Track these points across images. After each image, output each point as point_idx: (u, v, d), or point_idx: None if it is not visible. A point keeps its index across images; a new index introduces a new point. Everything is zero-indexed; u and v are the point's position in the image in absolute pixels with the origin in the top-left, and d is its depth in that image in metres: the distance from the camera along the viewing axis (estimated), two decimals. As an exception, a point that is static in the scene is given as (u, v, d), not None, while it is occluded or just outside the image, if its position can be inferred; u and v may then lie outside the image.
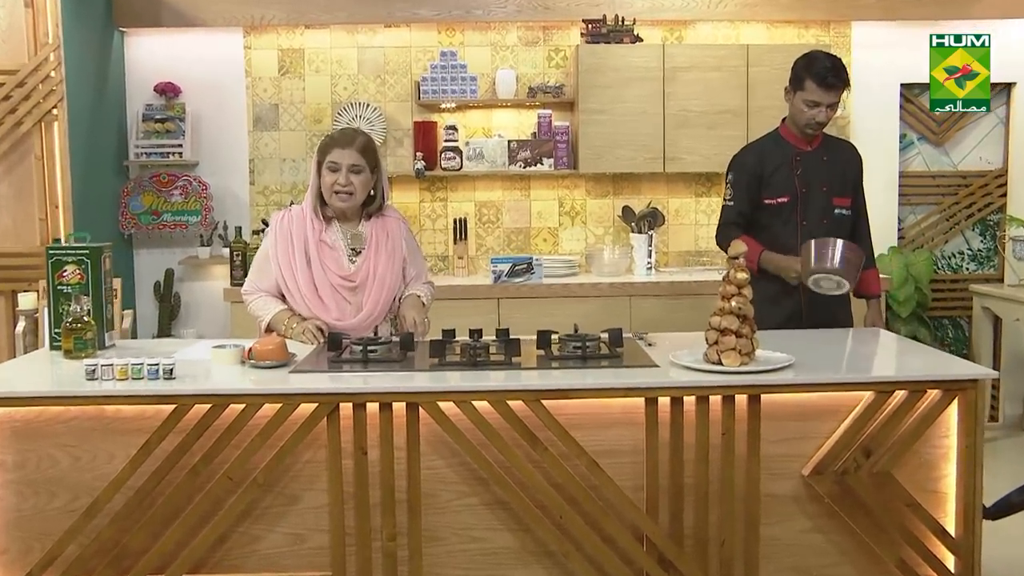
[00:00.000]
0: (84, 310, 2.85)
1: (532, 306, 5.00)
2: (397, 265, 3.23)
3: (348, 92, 5.56)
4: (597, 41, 5.28)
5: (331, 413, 2.52)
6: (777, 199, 3.46)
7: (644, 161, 5.25)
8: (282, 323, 3.17)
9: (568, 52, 5.53)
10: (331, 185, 3.13)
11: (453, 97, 5.39)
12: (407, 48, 5.55)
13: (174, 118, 5.50)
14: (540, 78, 5.55)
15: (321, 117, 5.55)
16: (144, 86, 5.50)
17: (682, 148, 5.24)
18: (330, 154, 3.14)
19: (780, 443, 2.60)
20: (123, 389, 2.50)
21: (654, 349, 2.92)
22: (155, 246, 5.65)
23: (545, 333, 2.85)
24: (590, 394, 2.53)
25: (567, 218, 5.64)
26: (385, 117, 5.52)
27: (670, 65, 5.22)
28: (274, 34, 5.51)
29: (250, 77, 5.54)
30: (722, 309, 2.61)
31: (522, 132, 5.56)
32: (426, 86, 5.38)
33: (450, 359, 2.76)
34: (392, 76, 5.55)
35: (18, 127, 4.61)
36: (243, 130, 5.59)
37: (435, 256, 5.63)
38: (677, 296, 4.99)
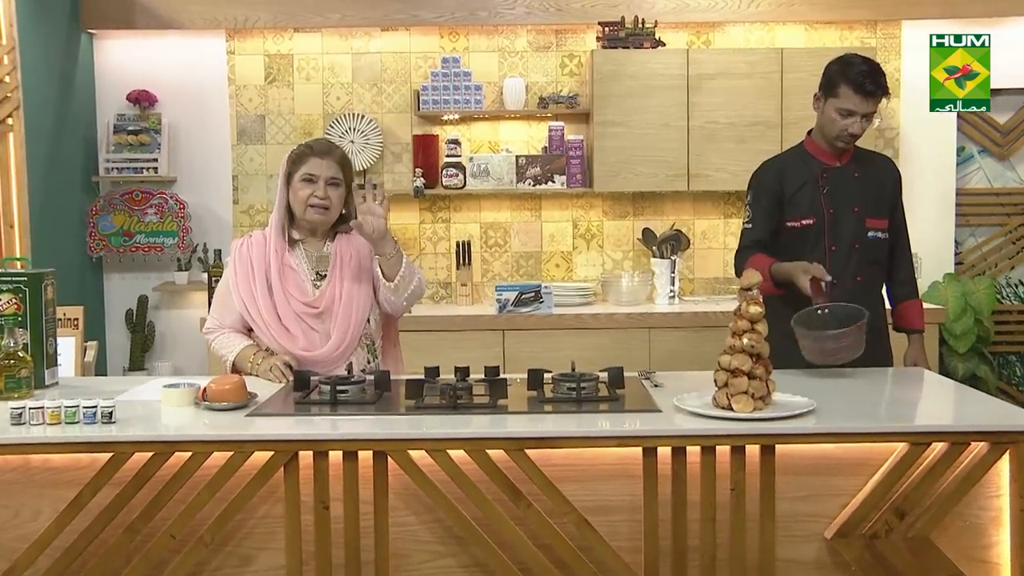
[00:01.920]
0: (19, 344, 2.81)
1: (540, 339, 4.98)
2: (365, 287, 3.19)
3: (341, 102, 5.55)
4: (615, 46, 5.27)
5: (289, 462, 2.47)
6: (801, 221, 3.39)
7: (666, 179, 5.23)
8: (247, 360, 3.14)
9: (583, 58, 5.51)
10: (306, 199, 3.12)
11: (456, 108, 5.38)
12: (406, 54, 5.54)
13: (149, 130, 5.50)
14: (552, 87, 5.52)
15: (312, 129, 5.54)
16: (115, 94, 5.52)
17: (709, 164, 5.21)
18: (305, 164, 3.13)
19: (799, 501, 2.52)
20: (52, 435, 2.44)
21: (661, 391, 2.86)
22: (127, 270, 5.65)
23: (537, 372, 2.81)
24: (580, 443, 2.47)
25: (581, 241, 5.59)
26: (382, 130, 5.50)
27: (695, 72, 5.20)
28: (260, 38, 5.52)
29: (233, 85, 5.54)
30: (733, 347, 2.55)
31: (532, 146, 5.53)
32: (426, 96, 5.37)
33: (428, 401, 2.72)
34: (389, 85, 5.54)
35: (-33, 138, 4.59)
36: (225, 143, 5.59)
37: (436, 283, 5.60)
38: (702, 329, 4.96)
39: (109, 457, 2.44)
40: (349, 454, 2.46)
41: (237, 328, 3.21)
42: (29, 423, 2.50)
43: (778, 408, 2.56)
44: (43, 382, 2.98)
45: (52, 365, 3.04)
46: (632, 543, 2.49)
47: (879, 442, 2.49)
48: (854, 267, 3.34)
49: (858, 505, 2.50)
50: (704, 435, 2.46)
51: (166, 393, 2.75)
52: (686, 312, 5.07)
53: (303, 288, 3.17)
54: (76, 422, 2.50)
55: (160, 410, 2.71)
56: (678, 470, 2.46)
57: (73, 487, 2.45)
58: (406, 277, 3.12)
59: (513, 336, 5.00)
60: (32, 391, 2.84)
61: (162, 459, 2.45)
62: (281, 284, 3.14)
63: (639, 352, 4.94)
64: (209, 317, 3.29)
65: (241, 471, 2.46)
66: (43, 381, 2.98)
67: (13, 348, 2.80)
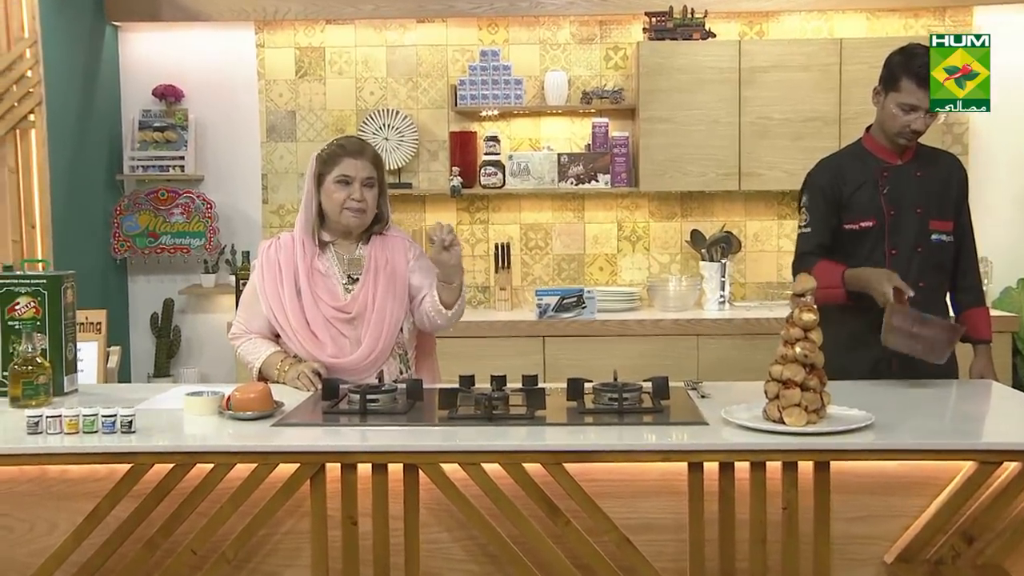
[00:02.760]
0: (37, 350, 2.83)
1: (582, 346, 4.97)
2: (399, 292, 3.20)
3: (375, 97, 5.56)
4: (662, 37, 5.25)
5: (316, 475, 2.47)
6: (860, 223, 3.34)
7: (716, 178, 5.20)
8: (274, 367, 3.16)
9: (628, 51, 5.49)
10: (342, 202, 3.13)
11: (495, 103, 5.38)
12: (443, 47, 5.55)
13: (175, 126, 5.55)
14: (596, 81, 5.50)
15: (344, 126, 5.57)
16: (141, 89, 5.57)
17: (761, 162, 5.18)
18: (339, 165, 3.14)
19: (856, 522, 2.48)
20: (70, 445, 2.46)
21: (709, 402, 2.84)
22: (152, 273, 5.70)
23: (577, 382, 2.81)
24: (622, 457, 2.45)
25: (626, 244, 5.57)
26: (417, 126, 5.51)
27: (748, 64, 5.17)
28: (290, 30, 5.55)
29: (263, 80, 5.58)
30: (785, 356, 2.53)
31: (574, 144, 5.52)
32: (464, 91, 5.38)
33: (463, 411, 2.72)
34: (425, 79, 5.55)
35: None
36: (254, 140, 5.63)
37: (473, 287, 5.60)
38: (754, 336, 4.93)
39: (128, 468, 2.45)
40: (379, 467, 2.46)
41: (264, 334, 3.23)
42: (46, 432, 2.52)
43: (833, 422, 2.52)
44: (62, 389, 3.00)
45: (72, 371, 3.06)
46: (676, 564, 2.47)
47: (944, 460, 2.44)
48: (916, 272, 3.29)
49: (921, 528, 2.46)
50: (754, 450, 2.43)
51: (189, 401, 2.77)
52: (736, 319, 5.04)
53: (334, 292, 3.17)
54: (95, 431, 2.52)
55: (182, 419, 2.73)
56: (726, 487, 2.44)
57: (91, 499, 2.46)
58: (461, 306, 3.20)
59: (553, 343, 4.99)
60: (50, 399, 2.87)
61: (183, 470, 2.46)
62: (310, 288, 3.15)
63: (686, 361, 4.91)
64: (235, 322, 3.31)
65: (266, 484, 2.46)
66: (62, 388, 3.00)
67: (31, 353, 2.83)
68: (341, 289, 3.18)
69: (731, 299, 5.40)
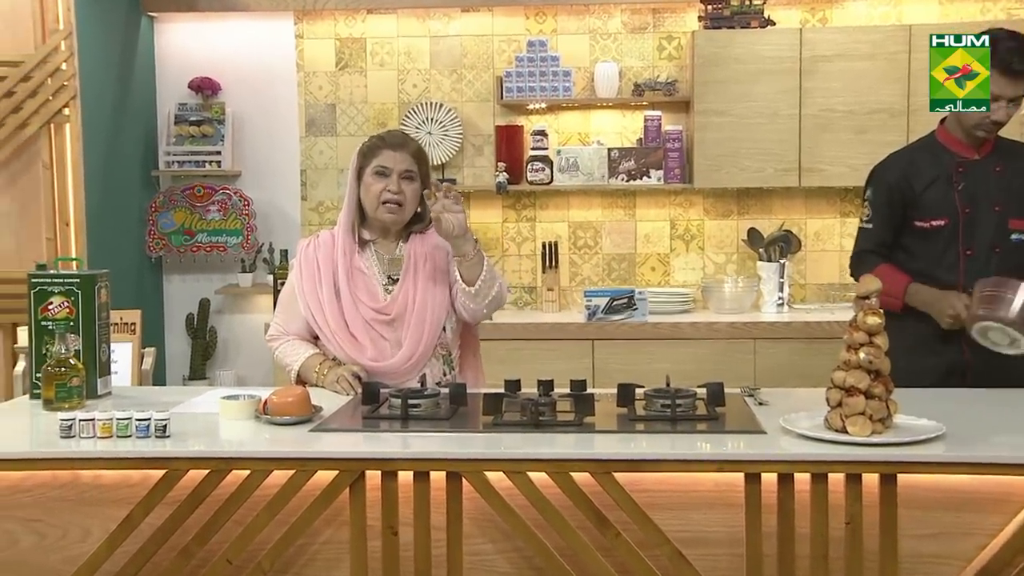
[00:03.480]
0: (70, 351, 2.87)
1: (632, 350, 4.96)
2: (441, 291, 3.20)
3: (418, 90, 5.58)
4: (718, 26, 5.23)
5: (355, 482, 2.47)
6: (931, 222, 3.31)
7: (775, 173, 5.18)
8: (313, 370, 3.17)
9: (683, 40, 5.47)
10: (378, 194, 3.14)
11: (543, 96, 5.38)
12: (488, 37, 5.55)
13: (211, 120, 5.60)
14: (648, 72, 5.48)
15: (385, 120, 5.59)
16: (177, 82, 5.64)
17: (823, 157, 5.14)
18: (378, 157, 3.15)
19: (927, 539, 2.44)
20: (103, 450, 2.48)
21: (767, 410, 2.82)
22: (188, 272, 5.76)
23: (628, 387, 2.80)
24: (675, 466, 2.43)
25: (680, 243, 5.55)
26: (461, 120, 5.52)
27: (809, 54, 5.13)
28: (330, 20, 5.58)
29: (302, 72, 5.62)
30: (848, 362, 2.49)
31: (626, 138, 5.51)
32: (511, 83, 5.38)
33: (508, 417, 2.71)
34: (470, 71, 5.56)
35: (23, 129, 4.73)
36: (293, 135, 5.66)
37: (519, 287, 5.60)
38: (814, 340, 4.90)
39: (162, 474, 2.47)
40: (420, 474, 2.46)
41: (303, 335, 3.25)
42: (79, 436, 2.54)
43: (900, 432, 2.49)
44: (95, 391, 3.04)
45: (105, 373, 3.10)
46: (732, 581, 2.45)
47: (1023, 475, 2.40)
48: (993, 274, 3.24)
49: (999, 548, 2.41)
50: (815, 460, 2.40)
51: (224, 405, 2.78)
52: (796, 322, 5.01)
53: (373, 293, 3.18)
54: (128, 436, 2.54)
55: (218, 423, 2.74)
56: (785, 499, 2.41)
57: (124, 506, 2.48)
58: (487, 281, 3.11)
59: (603, 346, 4.98)
60: (84, 401, 2.90)
61: (219, 477, 2.47)
62: (349, 289, 3.16)
63: (742, 366, 4.88)
64: (272, 323, 3.33)
65: (303, 491, 2.47)
66: (95, 390, 3.04)
67: (64, 355, 2.86)
68: (381, 289, 3.19)
69: (790, 301, 5.36)
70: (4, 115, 4.68)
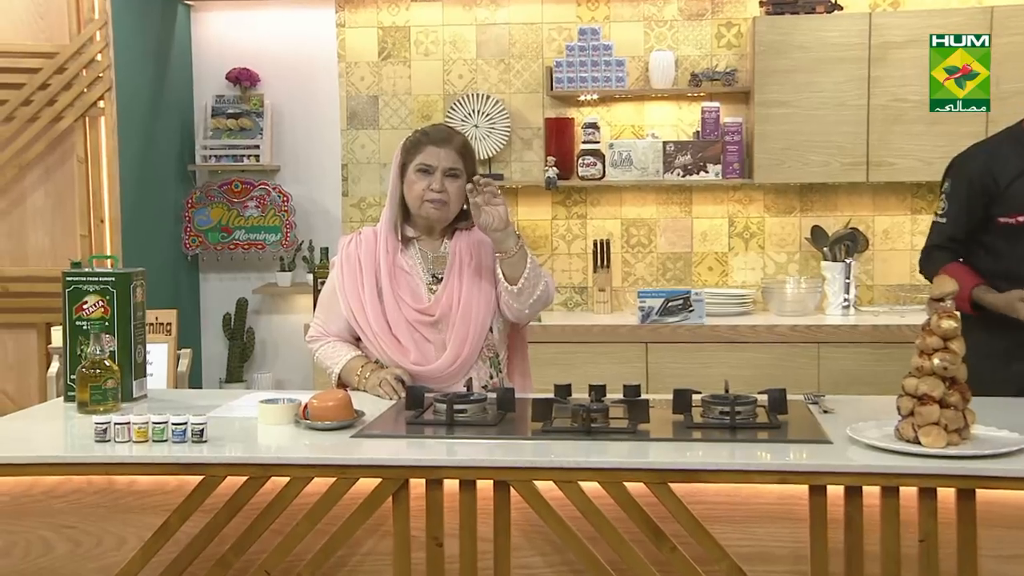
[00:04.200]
0: (105, 352, 2.90)
1: (689, 354, 4.96)
2: (487, 291, 3.20)
3: (464, 81, 5.59)
4: (781, 11, 5.20)
5: (398, 491, 2.47)
6: (1017, 218, 3.28)
7: (841, 168, 5.15)
8: (355, 373, 3.18)
9: (743, 27, 5.45)
10: (421, 192, 3.15)
11: (595, 87, 5.38)
12: (538, 25, 5.55)
13: (250, 113, 5.65)
14: (706, 61, 5.46)
15: (430, 112, 5.61)
16: (214, 73, 5.69)
17: (893, 150, 5.11)
18: (421, 153, 3.16)
19: (1008, 561, 2.40)
20: (139, 455, 2.51)
21: (832, 418, 2.80)
22: (225, 270, 5.81)
23: (684, 393, 2.79)
24: (734, 477, 2.41)
25: (739, 241, 5.53)
26: (509, 112, 5.53)
27: (879, 40, 5.09)
28: (373, 9, 5.62)
29: (343, 62, 5.65)
30: (921, 368, 2.46)
31: (682, 131, 5.50)
32: (561, 73, 5.38)
33: (558, 424, 2.71)
34: (519, 61, 5.57)
35: (57, 123, 4.80)
36: (334, 128, 5.70)
37: (569, 287, 5.61)
38: (883, 345, 4.88)
39: (199, 481, 2.49)
40: (466, 483, 2.46)
41: (344, 336, 3.26)
42: (114, 440, 2.57)
43: (979, 444, 2.45)
44: (131, 394, 3.07)
45: (141, 375, 3.13)
46: (796, 598, 2.44)
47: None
48: None
49: (1090, 570, 2.38)
50: (885, 473, 2.37)
51: (263, 409, 2.80)
52: (863, 325, 4.97)
53: (417, 293, 3.19)
54: (164, 440, 2.56)
55: (256, 428, 2.76)
56: (853, 514, 2.39)
57: (160, 513, 2.50)
58: (531, 279, 3.11)
59: (657, 350, 4.97)
60: (119, 404, 2.93)
61: (257, 484, 2.48)
62: (392, 288, 3.17)
63: (805, 372, 4.86)
64: (313, 323, 3.34)
65: (345, 500, 2.47)
66: (131, 393, 3.07)
67: (99, 356, 2.89)
68: (425, 289, 3.20)
69: (856, 303, 5.32)
70: (39, 108, 4.76)
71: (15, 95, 4.73)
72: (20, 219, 4.83)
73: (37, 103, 4.74)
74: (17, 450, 2.62)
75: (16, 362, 4.88)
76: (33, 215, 4.83)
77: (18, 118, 4.74)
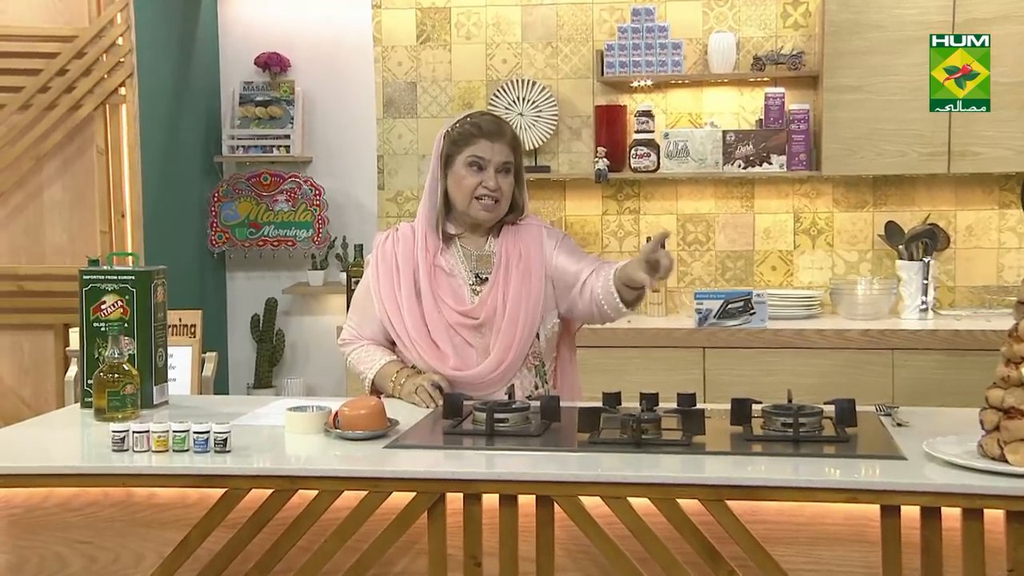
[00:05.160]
0: (124, 355, 2.92)
1: (749, 360, 4.94)
2: (535, 291, 3.21)
3: (508, 66, 5.60)
4: (853, -12, 5.15)
5: (434, 506, 2.48)
6: None
7: (919, 158, 5.11)
8: (389, 379, 3.19)
9: (811, 6, 5.44)
10: (472, 189, 3.15)
11: (649, 72, 5.37)
12: (587, 5, 5.56)
13: (280, 100, 5.69)
14: (770, 43, 5.44)
15: (472, 99, 5.61)
16: (242, 58, 5.74)
17: (979, 138, 5.06)
18: (473, 146, 3.16)
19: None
20: (158, 465, 2.53)
21: (907, 431, 2.77)
22: (254, 268, 5.85)
23: (744, 402, 2.78)
24: (798, 495, 2.40)
25: (805, 238, 5.51)
26: (557, 100, 5.53)
27: (964, 17, 5.03)
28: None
29: (379, 47, 5.66)
30: (1007, 379, 2.42)
31: (744, 119, 5.49)
32: (612, 57, 5.37)
33: (606, 436, 2.71)
34: (567, 44, 5.56)
35: (76, 111, 4.86)
36: (370, 117, 5.72)
37: (621, 288, 5.57)
38: (964, 352, 4.83)
39: (222, 493, 2.50)
40: (507, 498, 2.46)
41: (378, 340, 3.27)
42: (132, 450, 2.59)
43: (1075, 463, 2.42)
44: (151, 400, 3.09)
45: (162, 380, 3.16)
46: (867, 628, 2.42)
47: None
48: None
49: None
50: (966, 493, 2.33)
51: (291, 417, 2.81)
52: (942, 330, 4.92)
53: (459, 294, 3.20)
54: (185, 450, 2.58)
55: (283, 438, 2.77)
56: (930, 538, 2.36)
57: (181, 528, 2.52)
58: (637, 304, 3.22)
59: (715, 356, 4.97)
60: (138, 411, 2.96)
61: (283, 497, 2.49)
62: (432, 289, 3.18)
63: (877, 380, 4.83)
64: (345, 326, 3.36)
65: (377, 515, 2.48)
66: (151, 399, 3.09)
67: (118, 360, 2.91)
68: (468, 291, 3.20)
69: (935, 306, 5.27)
70: (56, 95, 4.81)
71: (31, 82, 4.78)
72: (37, 214, 4.89)
73: (55, 90, 4.80)
74: (30, 459, 2.65)
75: (33, 365, 4.94)
76: (50, 209, 4.89)
77: (35, 106, 4.80)
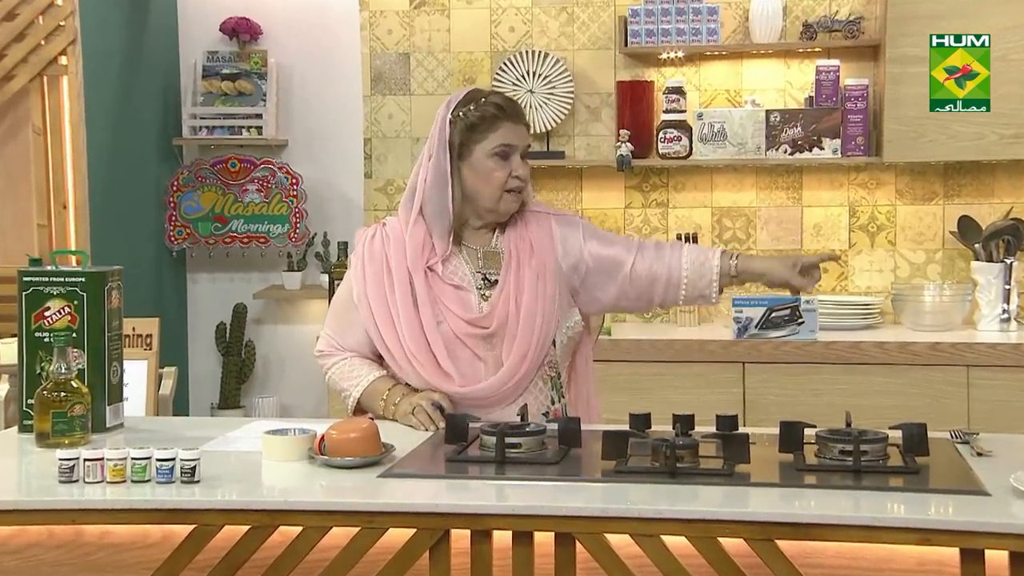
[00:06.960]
0: (72, 371, 2.92)
1: (798, 378, 4.96)
2: (549, 293, 3.22)
3: (516, 35, 5.62)
4: (920, -57, 5.16)
5: (437, 544, 2.49)
6: None
7: (999, 142, 5.13)
8: (379, 398, 3.19)
9: (870, -36, 5.42)
10: (503, 182, 3.16)
11: (679, 43, 5.39)
12: (609, -36, 5.57)
13: (250, 73, 5.70)
14: (823, 8, 5.47)
15: (474, 74, 5.63)
16: (206, 24, 5.76)
17: (1070, 118, 5.08)
18: (498, 132, 3.16)
19: None
20: (114, 498, 2.52)
21: (988, 461, 2.77)
22: (219, 269, 5.86)
23: (794, 426, 2.77)
24: (859, 535, 2.40)
25: (862, 236, 5.53)
26: (572, 74, 5.55)
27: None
28: (403, -55, 5.66)
29: (366, 11, 5.69)
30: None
31: (790, 97, 5.52)
32: (638, 24, 5.40)
33: (634, 464, 2.71)
34: (584, 10, 5.59)
35: (7, 83, 4.78)
36: (355, 93, 5.75)
37: (647, 293, 5.59)
38: (1055, 370, 4.84)
39: (189, 531, 2.50)
40: (521, 535, 2.47)
41: (362, 352, 3.26)
42: (83, 480, 2.58)
43: None
44: (104, 423, 3.08)
45: (117, 400, 3.15)
46: None
47: None
48: None
49: None
50: (1064, 537, 2.36)
51: (269, 442, 2.81)
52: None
53: (466, 301, 3.19)
54: (147, 480, 2.57)
55: (261, 466, 2.77)
56: (1019, 588, 2.38)
57: (140, 571, 2.52)
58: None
59: (758, 372, 4.98)
60: (89, 435, 2.94)
61: (261, 535, 2.50)
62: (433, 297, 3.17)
63: (951, 401, 4.84)
64: (322, 335, 3.34)
65: (371, 555, 2.49)
66: (104, 422, 3.08)
67: (65, 376, 2.90)
68: (475, 296, 3.20)
69: (1019, 316, 5.28)
70: (-18, 64, 4.77)
71: (-49, 50, 4.75)
72: (-40, 204, 4.87)
73: (-21, 58, 4.77)
74: (-45, 495, 2.65)
75: (-44, 384, 4.93)
76: (-23, 199, 4.86)
77: (-44, 78, 4.76)
